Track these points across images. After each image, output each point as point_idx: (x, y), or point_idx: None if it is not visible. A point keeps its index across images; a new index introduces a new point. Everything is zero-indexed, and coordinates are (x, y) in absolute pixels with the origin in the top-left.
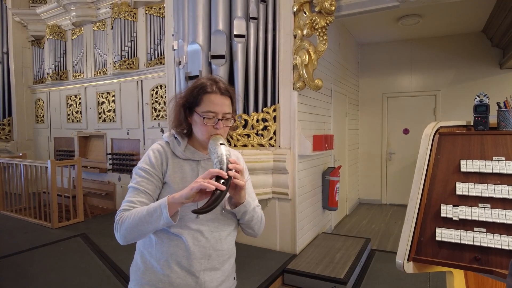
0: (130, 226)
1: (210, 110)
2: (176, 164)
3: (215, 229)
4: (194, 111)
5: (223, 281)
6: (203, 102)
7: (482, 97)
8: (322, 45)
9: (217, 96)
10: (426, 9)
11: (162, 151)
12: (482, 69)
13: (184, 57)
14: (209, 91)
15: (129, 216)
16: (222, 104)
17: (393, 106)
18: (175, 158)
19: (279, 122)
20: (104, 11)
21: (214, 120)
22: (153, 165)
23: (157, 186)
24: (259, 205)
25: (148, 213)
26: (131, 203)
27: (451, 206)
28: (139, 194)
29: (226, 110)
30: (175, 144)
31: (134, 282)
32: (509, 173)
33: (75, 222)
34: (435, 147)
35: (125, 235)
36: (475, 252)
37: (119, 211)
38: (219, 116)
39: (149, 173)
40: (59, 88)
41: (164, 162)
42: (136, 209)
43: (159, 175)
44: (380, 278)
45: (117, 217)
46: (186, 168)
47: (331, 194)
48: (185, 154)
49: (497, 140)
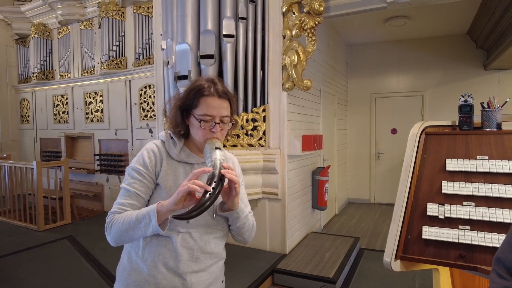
0: (120, 231)
1: (207, 113)
2: (170, 166)
3: (205, 232)
4: (191, 114)
5: (211, 283)
6: (200, 105)
7: (467, 97)
8: (311, 45)
9: (215, 99)
10: (413, 11)
11: (157, 151)
12: (467, 70)
13: (172, 56)
14: (206, 93)
15: (119, 220)
16: (220, 107)
17: (381, 106)
18: (170, 159)
19: (268, 122)
20: (91, 9)
21: (211, 124)
22: (147, 166)
23: (149, 188)
24: (251, 212)
25: (137, 219)
26: (122, 206)
27: (437, 205)
28: (131, 197)
29: (224, 113)
30: (171, 145)
31: (119, 282)
32: (492, 172)
33: (62, 224)
34: (421, 147)
35: (115, 238)
36: (460, 250)
37: (110, 213)
38: (216, 119)
39: (142, 174)
40: (45, 88)
41: (158, 163)
42: (126, 213)
43: (152, 176)
44: (369, 276)
45: (108, 219)
46: (179, 170)
47: (321, 194)
48: (180, 156)
49: (481, 140)
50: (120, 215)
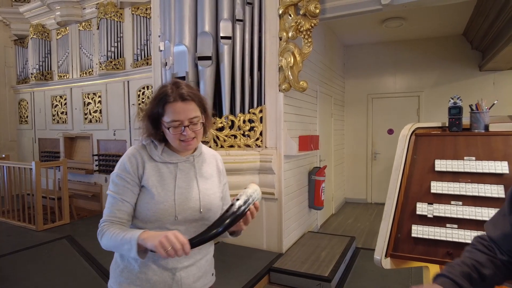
0: (108, 244)
1: (174, 119)
2: (153, 167)
3: (193, 228)
4: (161, 122)
5: (200, 277)
6: (166, 112)
7: (456, 99)
8: (307, 47)
9: (179, 104)
10: (408, 13)
11: (138, 155)
12: (463, 71)
13: (170, 58)
14: (170, 100)
15: (108, 235)
16: (186, 110)
17: (378, 106)
18: (152, 161)
19: (265, 123)
20: (90, 11)
21: (180, 128)
22: (129, 171)
23: (134, 192)
24: None
25: (121, 242)
26: (112, 214)
27: (426, 204)
28: (118, 204)
29: (192, 115)
30: (152, 148)
31: (113, 280)
32: (479, 172)
33: (61, 224)
34: (411, 148)
35: (106, 247)
36: (448, 247)
37: (102, 221)
38: (185, 123)
39: (125, 180)
40: (43, 89)
41: (140, 166)
42: (115, 230)
43: (136, 180)
44: (364, 275)
45: (100, 227)
46: (163, 170)
47: (317, 194)
48: (162, 157)
49: (469, 141)
50: (110, 228)
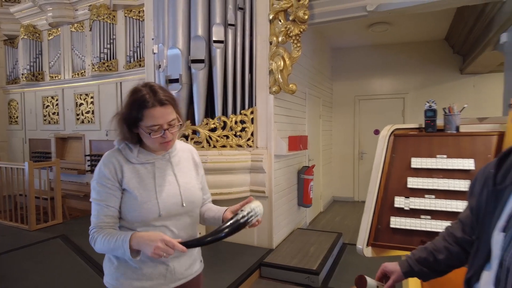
0: (103, 249)
1: (154, 124)
2: (132, 170)
3: (178, 221)
4: (139, 126)
5: (191, 264)
6: (145, 118)
7: (431, 103)
8: (296, 51)
9: (158, 109)
10: (393, 18)
11: (114, 160)
12: (445, 74)
13: (164, 60)
14: (149, 106)
15: (100, 240)
16: (165, 114)
17: (365, 108)
18: (130, 164)
19: (256, 124)
20: (82, 12)
21: (160, 131)
22: (108, 177)
23: (116, 196)
24: (210, 198)
25: (114, 247)
26: (100, 220)
27: (403, 198)
28: (103, 210)
29: (170, 118)
30: (128, 151)
31: (109, 277)
32: (450, 169)
33: (54, 224)
34: (390, 147)
35: (102, 251)
36: (422, 236)
37: (91, 228)
38: (165, 126)
39: (106, 186)
40: (34, 89)
41: (119, 171)
42: (104, 235)
43: (116, 184)
44: (350, 269)
45: (91, 234)
46: (142, 171)
47: (306, 192)
48: (139, 159)
49: (442, 141)
50: (100, 234)
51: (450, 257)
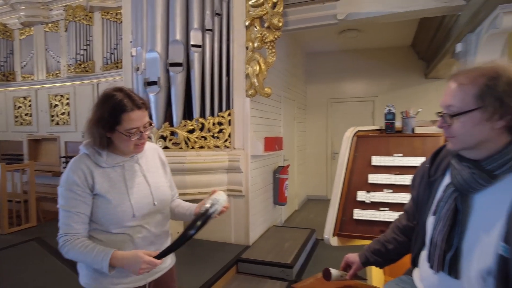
0: (76, 259)
1: (133, 127)
2: (102, 174)
3: (151, 219)
4: (115, 130)
5: (165, 258)
6: (124, 121)
7: (390, 107)
8: (271, 57)
9: (136, 112)
10: (363, 25)
11: (84, 166)
12: (411, 78)
13: (142, 63)
14: (128, 110)
15: (74, 250)
16: (142, 117)
17: (337, 110)
18: (100, 168)
19: (233, 126)
20: (57, 12)
21: (138, 134)
22: (78, 184)
23: (86, 203)
24: (177, 193)
25: (92, 261)
26: (69, 227)
27: (365, 192)
28: (73, 217)
29: (146, 121)
30: (96, 156)
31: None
32: (405, 166)
33: (28, 227)
34: (353, 147)
35: (74, 259)
36: (381, 226)
37: (60, 235)
38: (141, 129)
39: (76, 193)
40: (5, 89)
41: (89, 177)
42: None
43: (86, 191)
44: (322, 262)
45: (60, 242)
46: (112, 175)
47: (281, 191)
48: (108, 162)
49: (399, 141)
50: (74, 243)
51: (398, 247)
